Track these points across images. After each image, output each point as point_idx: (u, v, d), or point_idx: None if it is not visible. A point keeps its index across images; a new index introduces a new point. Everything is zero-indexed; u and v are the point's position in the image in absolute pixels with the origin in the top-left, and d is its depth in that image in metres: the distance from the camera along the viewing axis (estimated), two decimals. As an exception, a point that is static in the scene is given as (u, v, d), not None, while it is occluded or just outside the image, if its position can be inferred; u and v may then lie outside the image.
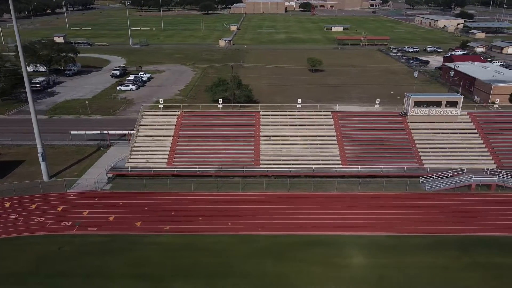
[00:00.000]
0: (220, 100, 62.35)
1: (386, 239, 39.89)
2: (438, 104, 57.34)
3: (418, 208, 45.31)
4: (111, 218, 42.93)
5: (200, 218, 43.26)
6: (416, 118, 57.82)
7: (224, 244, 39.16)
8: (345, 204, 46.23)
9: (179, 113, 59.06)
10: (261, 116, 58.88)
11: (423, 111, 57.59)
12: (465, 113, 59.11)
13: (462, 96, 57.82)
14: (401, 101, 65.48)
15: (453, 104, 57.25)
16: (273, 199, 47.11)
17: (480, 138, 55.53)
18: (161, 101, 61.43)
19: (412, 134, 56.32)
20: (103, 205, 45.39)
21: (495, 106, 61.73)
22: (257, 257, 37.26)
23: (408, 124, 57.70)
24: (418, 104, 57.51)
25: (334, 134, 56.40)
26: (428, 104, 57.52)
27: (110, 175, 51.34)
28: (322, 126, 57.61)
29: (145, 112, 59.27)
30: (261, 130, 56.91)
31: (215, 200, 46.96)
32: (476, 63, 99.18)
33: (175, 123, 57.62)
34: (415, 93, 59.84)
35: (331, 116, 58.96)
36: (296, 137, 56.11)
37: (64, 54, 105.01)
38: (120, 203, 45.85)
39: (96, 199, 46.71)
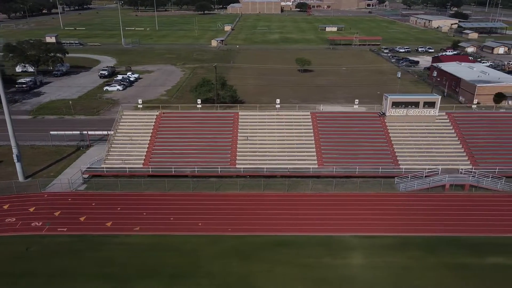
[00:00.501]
0: (199, 101, 62.49)
1: (353, 239, 39.97)
2: (416, 105, 57.46)
3: (390, 209, 45.43)
4: (82, 219, 43.01)
5: (171, 219, 43.37)
6: (394, 118, 57.94)
7: (192, 244, 39.26)
8: (318, 204, 46.32)
9: (158, 113, 59.16)
10: (239, 117, 58.97)
11: (401, 112, 57.72)
12: (444, 113, 59.24)
13: (440, 97, 57.93)
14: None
15: (431, 105, 57.38)
16: (247, 200, 47.20)
17: (457, 139, 55.64)
18: (140, 101, 61.57)
19: (390, 134, 56.42)
20: (76, 206, 45.48)
21: (474, 106, 61.87)
22: (224, 257, 37.37)
23: (386, 124, 57.81)
24: (396, 105, 57.65)
25: (312, 134, 56.51)
26: (406, 105, 57.67)
27: (85, 176, 51.41)
28: (300, 127, 57.70)
29: (124, 113, 59.35)
30: (239, 131, 57.01)
31: (188, 200, 47.06)
32: (463, 63, 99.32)
33: (153, 124, 57.71)
34: (393, 94, 59.92)
35: (309, 117, 59.06)
36: (274, 137, 56.21)
37: (52, 54, 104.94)
38: (93, 204, 45.94)
39: (70, 199, 46.80)
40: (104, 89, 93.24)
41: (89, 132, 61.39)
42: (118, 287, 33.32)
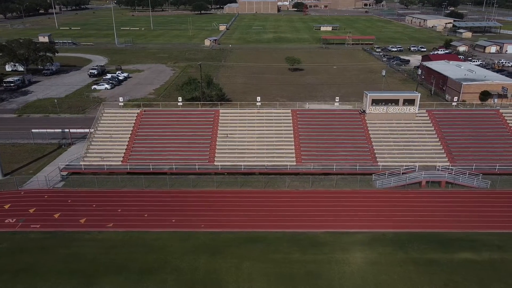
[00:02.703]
0: (180, 99, 62.65)
1: (325, 236, 40.04)
2: (396, 102, 57.58)
3: (365, 205, 45.50)
4: (56, 216, 43.11)
5: (146, 215, 43.48)
6: (374, 115, 58.06)
7: (164, 241, 39.35)
8: (293, 201, 46.39)
9: (139, 111, 59.28)
10: (220, 114, 59.09)
11: (381, 109, 57.86)
12: (424, 111, 59.35)
13: (419, 94, 58.05)
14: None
15: (410, 102, 57.50)
16: (223, 197, 47.28)
17: (436, 136, 55.73)
18: (121, 99, 61.79)
19: (369, 132, 56.53)
20: (51, 203, 45.58)
21: (454, 104, 61.97)
22: (194, 253, 37.44)
23: (366, 121, 57.92)
24: (376, 102, 57.76)
25: (291, 132, 56.61)
26: (386, 102, 57.78)
27: (64, 173, 51.52)
28: (280, 124, 57.81)
29: (105, 111, 59.47)
30: (219, 128, 57.13)
31: (165, 197, 47.16)
32: (451, 62, 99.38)
33: (134, 121, 57.83)
34: (373, 91, 60.00)
35: (290, 114, 59.17)
36: (253, 135, 56.32)
37: (41, 53, 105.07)
38: (69, 201, 46.04)
39: (46, 196, 46.90)
40: (92, 88, 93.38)
41: (71, 130, 61.49)
42: (83, 283, 33.40)
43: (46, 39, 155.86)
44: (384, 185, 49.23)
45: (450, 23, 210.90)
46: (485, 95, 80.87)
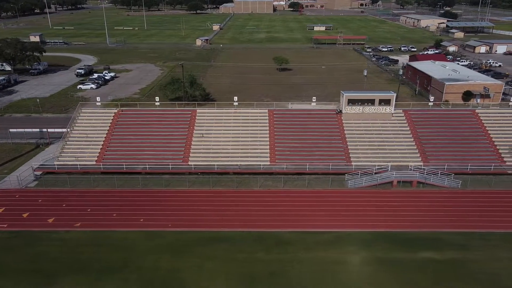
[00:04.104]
0: (157, 98, 62.74)
1: (291, 235, 40.20)
2: (372, 102, 57.76)
3: (335, 205, 45.64)
4: (25, 215, 43.22)
5: (114, 215, 43.60)
6: (350, 115, 58.23)
7: (129, 240, 39.47)
8: (264, 201, 46.50)
9: (116, 111, 59.39)
10: (197, 114, 59.23)
11: (357, 109, 58.02)
12: (401, 110, 59.52)
13: (395, 94, 58.23)
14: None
15: (386, 102, 57.68)
16: (194, 196, 47.40)
17: (411, 136, 55.90)
18: (98, 99, 61.83)
19: (345, 132, 56.69)
20: (22, 202, 45.68)
21: (430, 104, 62.13)
22: (158, 252, 37.57)
23: (343, 121, 58.09)
24: (352, 102, 57.93)
25: (267, 131, 56.75)
26: (362, 102, 57.95)
27: (38, 173, 51.62)
28: (256, 124, 57.96)
29: (82, 110, 59.58)
30: (195, 128, 57.27)
31: (136, 197, 47.26)
32: (436, 62, 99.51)
33: (110, 121, 57.94)
34: (349, 91, 60.16)
35: (266, 114, 59.32)
36: (229, 134, 56.46)
37: (29, 53, 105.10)
38: (39, 200, 46.15)
39: (17, 196, 47.01)
40: (78, 87, 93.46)
41: (49, 130, 61.56)
42: (44, 282, 33.51)
43: (37, 39, 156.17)
44: (356, 185, 49.38)
45: (443, 23, 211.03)
46: (467, 95, 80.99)
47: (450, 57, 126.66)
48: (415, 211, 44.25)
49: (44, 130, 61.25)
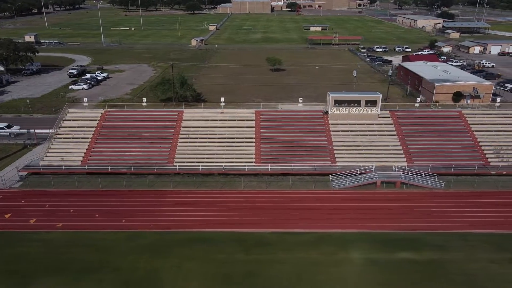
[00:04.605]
0: (144, 99, 62.81)
1: (272, 236, 40.28)
2: (358, 103, 57.84)
3: (317, 206, 45.71)
4: (7, 216, 43.29)
5: (97, 215, 43.69)
6: (337, 116, 58.31)
7: (110, 241, 39.54)
8: (247, 202, 46.56)
9: (103, 111, 59.47)
10: (184, 114, 59.31)
11: (344, 110, 58.10)
12: (387, 111, 59.62)
13: (381, 95, 58.25)
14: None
15: (372, 103, 57.75)
16: (177, 197, 47.48)
17: (396, 137, 55.98)
18: (85, 99, 61.88)
19: (331, 132, 56.78)
20: (5, 203, 45.72)
21: (416, 104, 62.24)
22: (137, 253, 37.63)
23: (329, 122, 58.17)
24: (338, 103, 58.02)
25: (253, 132, 56.84)
26: (348, 103, 58.03)
27: (23, 173, 51.68)
28: (242, 125, 58.05)
29: (69, 111, 59.66)
30: (181, 128, 57.35)
31: (119, 197, 47.32)
32: (428, 63, 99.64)
33: (97, 122, 58.01)
34: (336, 92, 60.24)
35: (253, 115, 59.40)
36: (215, 135, 56.54)
37: (21, 53, 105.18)
38: (23, 201, 46.23)
39: (0, 197, 47.08)
40: (69, 88, 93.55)
41: (37, 131, 61.63)
42: (20, 283, 33.58)
43: (32, 39, 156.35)
44: (340, 186, 49.45)
45: (439, 23, 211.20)
46: (457, 96, 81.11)
47: (443, 57, 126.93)
48: (397, 211, 44.33)
49: (32, 130, 61.24)
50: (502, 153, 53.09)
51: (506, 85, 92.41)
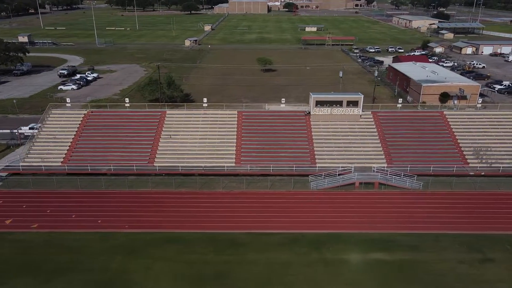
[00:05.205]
0: (127, 100, 62.90)
1: (246, 236, 40.40)
2: (340, 103, 57.95)
3: (294, 206, 45.81)
4: (-17, 216, 43.49)
5: (73, 216, 43.79)
6: (318, 117, 58.42)
7: (84, 241, 39.64)
8: (224, 202, 46.63)
9: (86, 112, 59.58)
10: (166, 115, 59.42)
11: (326, 110, 58.20)
12: (369, 112, 59.74)
13: (362, 95, 58.36)
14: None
15: (354, 104, 57.87)
16: (155, 198, 47.56)
17: (377, 137, 56.10)
18: (68, 100, 61.98)
19: (312, 133, 56.89)
20: (-18, 203, 45.95)
21: (399, 105, 62.37)
22: (110, 253, 37.75)
23: (311, 123, 58.27)
24: (320, 104, 58.12)
25: (235, 133, 56.95)
26: (330, 103, 58.14)
27: (3, 174, 51.76)
28: (224, 125, 58.16)
29: (52, 111, 59.77)
30: (163, 129, 57.45)
31: (97, 198, 47.43)
32: (418, 63, 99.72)
33: (79, 122, 58.12)
34: (317, 92, 60.35)
35: (235, 116, 59.51)
36: (196, 136, 56.65)
37: (12, 53, 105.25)
38: (0, 202, 46.28)
39: (-22, 197, 47.31)
40: (59, 88, 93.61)
41: (20, 131, 61.71)
42: (-10, 283, 33.80)
43: (25, 39, 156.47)
44: (319, 186, 49.55)
45: (433, 24, 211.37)
46: (444, 97, 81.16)
47: (435, 58, 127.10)
48: (373, 212, 44.44)
49: (15, 131, 61.33)
50: (481, 154, 53.21)
51: (494, 85, 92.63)
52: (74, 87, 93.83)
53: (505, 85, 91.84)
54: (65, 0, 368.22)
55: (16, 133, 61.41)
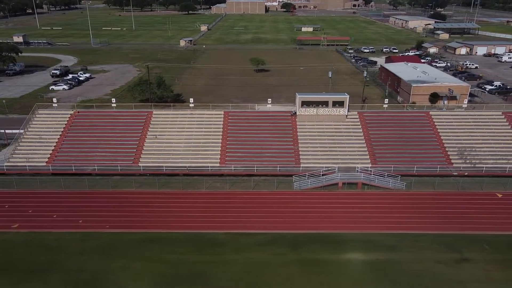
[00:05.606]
0: (114, 100, 62.98)
1: (225, 236, 40.49)
2: (325, 104, 58.03)
3: (276, 206, 45.86)
4: (-35, 216, 43.56)
5: (55, 216, 43.87)
6: (304, 117, 58.50)
7: (63, 241, 39.73)
8: (206, 202, 46.69)
9: (72, 112, 59.65)
10: (153, 115, 59.50)
11: (312, 111, 58.28)
12: (355, 112, 59.82)
13: (348, 96, 58.43)
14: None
15: (340, 104, 57.94)
16: (138, 198, 47.63)
17: (362, 137, 56.17)
18: (54, 100, 62.03)
19: (298, 133, 56.97)
20: (-35, 203, 46.01)
21: (385, 106, 62.45)
22: (88, 254, 37.83)
23: (297, 123, 58.35)
24: (306, 104, 58.19)
25: (221, 133, 57.04)
26: (317, 104, 58.22)
27: (-13, 174, 51.92)
28: (210, 125, 58.25)
29: (39, 111, 59.85)
30: (149, 129, 57.53)
31: (80, 198, 47.48)
32: (409, 64, 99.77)
33: (65, 123, 58.19)
34: (303, 93, 60.44)
35: (222, 116, 59.59)
36: (182, 136, 56.73)
37: (4, 54, 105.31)
38: (-18, 201, 46.49)
39: (-39, 197, 47.38)
40: (50, 88, 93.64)
41: (7, 131, 61.78)
42: (-35, 283, 33.87)
43: (20, 39, 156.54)
44: (302, 187, 49.62)
45: (429, 24, 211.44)
46: (434, 97, 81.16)
47: (428, 58, 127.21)
48: (354, 212, 44.52)
49: (2, 131, 61.40)
50: (466, 155, 53.29)
51: (485, 86, 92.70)
52: (66, 87, 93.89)
53: (496, 86, 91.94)
54: (63, 0, 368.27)
55: (4, 133, 61.49)
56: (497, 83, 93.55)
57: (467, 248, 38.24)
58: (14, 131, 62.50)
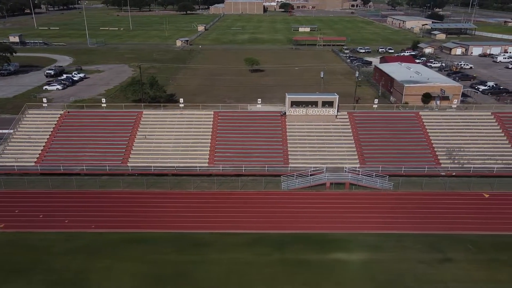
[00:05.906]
0: (104, 100, 63.03)
1: (210, 236, 40.55)
2: (315, 104, 58.09)
3: (264, 206, 45.94)
4: (-49, 216, 43.60)
5: (41, 216, 43.92)
6: (294, 117, 58.55)
7: (48, 241, 39.77)
8: (193, 202, 46.73)
9: (62, 112, 59.71)
10: (143, 115, 59.55)
11: (301, 111, 58.33)
12: (345, 113, 59.89)
13: (337, 96, 58.49)
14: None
15: (329, 104, 58.00)
16: (126, 198, 47.67)
17: (352, 138, 56.23)
18: (44, 100, 62.09)
19: (287, 134, 57.03)
20: (-48, 203, 46.06)
21: (374, 106, 62.53)
22: (72, 253, 37.86)
23: (286, 123, 58.41)
24: (296, 104, 58.25)
25: (210, 133, 57.09)
26: (306, 104, 58.27)
27: (-24, 174, 51.96)
28: (200, 126, 58.31)
29: (29, 111, 59.90)
30: (139, 129, 57.58)
31: (68, 198, 47.52)
32: (403, 64, 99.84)
33: (55, 123, 58.24)
34: (292, 93, 60.49)
35: (211, 116, 59.65)
36: (172, 136, 56.78)
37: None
38: (-31, 201, 46.55)
39: None
40: (44, 88, 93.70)
41: (-3, 131, 61.90)
42: None
43: (16, 39, 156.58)
44: (290, 187, 49.68)
45: (426, 24, 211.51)
46: (427, 97, 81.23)
47: (423, 59, 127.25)
48: (340, 212, 44.59)
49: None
50: (454, 155, 53.35)
51: (478, 86, 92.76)
52: (59, 87, 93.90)
53: (489, 86, 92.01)
54: (61, 0, 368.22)
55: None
56: (490, 84, 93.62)
57: (450, 248, 38.31)
58: (4, 131, 62.62)
